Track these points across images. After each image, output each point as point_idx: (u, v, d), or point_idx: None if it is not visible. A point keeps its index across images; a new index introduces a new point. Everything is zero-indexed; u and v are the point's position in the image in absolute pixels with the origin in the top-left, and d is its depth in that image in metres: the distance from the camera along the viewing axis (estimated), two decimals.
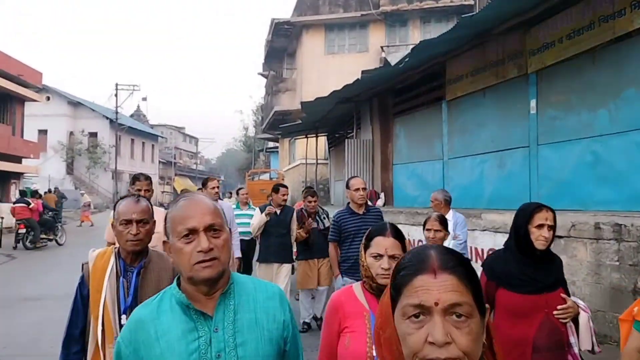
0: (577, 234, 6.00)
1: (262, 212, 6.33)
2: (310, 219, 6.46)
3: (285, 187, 6.67)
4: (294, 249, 6.80)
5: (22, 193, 17.82)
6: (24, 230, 15.54)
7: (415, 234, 9.79)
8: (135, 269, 2.38)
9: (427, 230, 3.80)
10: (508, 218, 7.18)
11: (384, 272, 2.00)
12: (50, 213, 17.24)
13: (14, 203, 16.76)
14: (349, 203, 5.12)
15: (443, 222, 3.85)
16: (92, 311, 2.33)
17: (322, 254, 6.33)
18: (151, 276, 2.39)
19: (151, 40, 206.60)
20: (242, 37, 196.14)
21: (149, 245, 2.49)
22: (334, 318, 2.06)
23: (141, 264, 2.40)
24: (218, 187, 6.47)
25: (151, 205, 2.57)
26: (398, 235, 2.10)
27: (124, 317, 2.29)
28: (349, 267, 4.95)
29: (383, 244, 2.06)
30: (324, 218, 6.67)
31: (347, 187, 5.09)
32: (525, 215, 2.66)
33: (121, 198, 2.55)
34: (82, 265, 2.45)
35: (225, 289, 1.47)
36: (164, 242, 1.51)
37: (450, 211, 5.79)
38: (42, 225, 16.05)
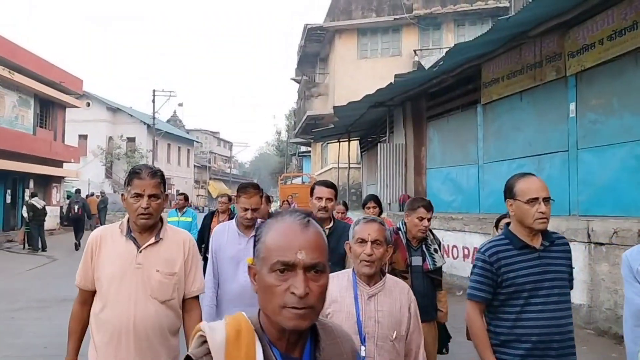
0: (619, 241, 5.80)
1: None
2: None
3: (331, 186, 3.57)
4: None
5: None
6: None
7: (449, 239, 9.66)
8: None
9: None
10: None
11: None
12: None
13: None
14: (507, 224, 2.62)
15: None
16: None
17: (427, 315, 3.29)
18: None
19: (187, 47, 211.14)
20: (276, 43, 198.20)
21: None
22: None
23: (308, 351, 1.15)
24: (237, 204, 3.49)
25: (323, 233, 1.17)
26: None
27: None
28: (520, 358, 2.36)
29: None
30: (435, 251, 3.67)
31: (511, 194, 2.51)
32: None
33: (271, 216, 1.21)
34: (190, 356, 1.09)
35: None
36: None
37: None
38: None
